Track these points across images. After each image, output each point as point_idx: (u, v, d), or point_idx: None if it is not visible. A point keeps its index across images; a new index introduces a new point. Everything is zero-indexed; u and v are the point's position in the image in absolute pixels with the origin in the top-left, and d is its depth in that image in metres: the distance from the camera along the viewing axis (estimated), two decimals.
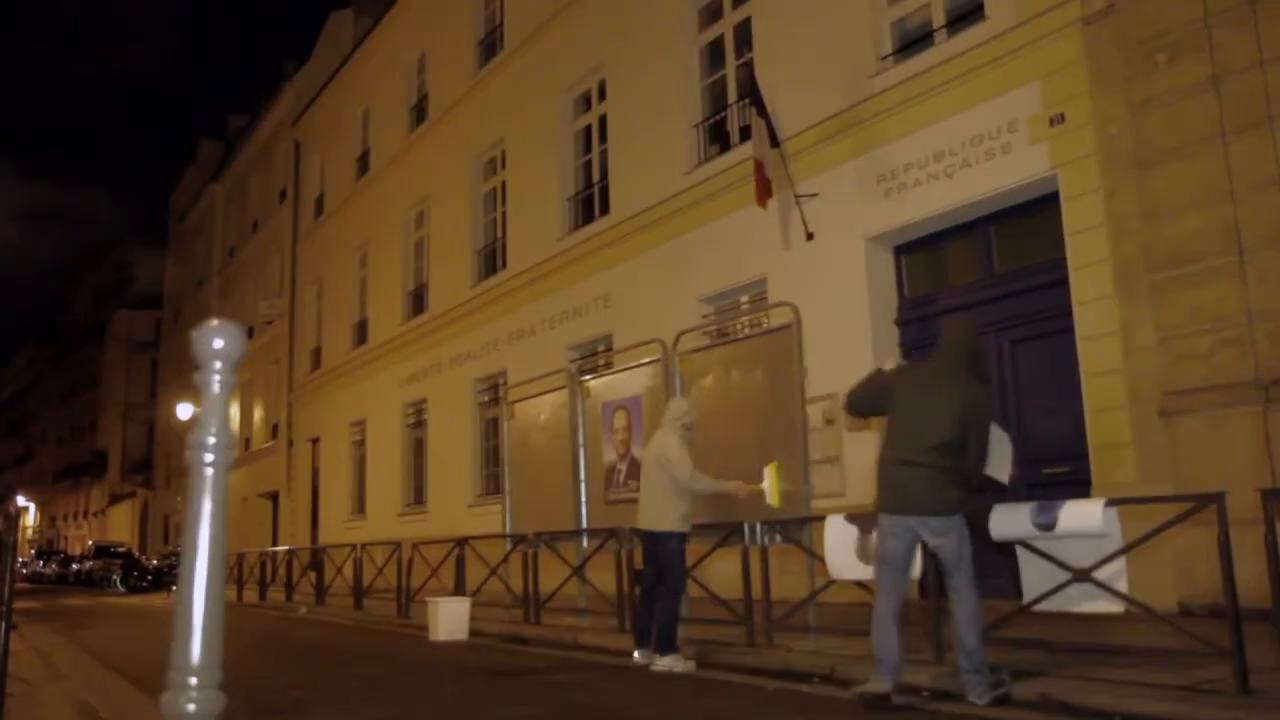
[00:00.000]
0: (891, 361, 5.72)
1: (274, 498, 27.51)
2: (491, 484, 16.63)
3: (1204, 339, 7.47)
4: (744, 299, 12.24)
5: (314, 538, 24.21)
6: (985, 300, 9.63)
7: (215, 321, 1.98)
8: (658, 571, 6.56)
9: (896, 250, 10.62)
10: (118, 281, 57.56)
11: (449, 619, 8.88)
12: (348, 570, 13.80)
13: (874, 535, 5.85)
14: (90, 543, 42.83)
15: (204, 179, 39.53)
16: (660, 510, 6.50)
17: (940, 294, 10.21)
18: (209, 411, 1.97)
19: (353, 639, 10.06)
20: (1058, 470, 8.80)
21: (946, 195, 9.64)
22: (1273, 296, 7.14)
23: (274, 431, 28.04)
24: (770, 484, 6.58)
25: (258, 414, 30.08)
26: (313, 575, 14.79)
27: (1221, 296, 7.40)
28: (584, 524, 8.68)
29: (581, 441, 8.81)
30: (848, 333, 10.35)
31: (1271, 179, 7.21)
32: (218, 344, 1.96)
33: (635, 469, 8.11)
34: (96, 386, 58.32)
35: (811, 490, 6.79)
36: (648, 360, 8.28)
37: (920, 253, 10.49)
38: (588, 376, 9.16)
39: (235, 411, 32.34)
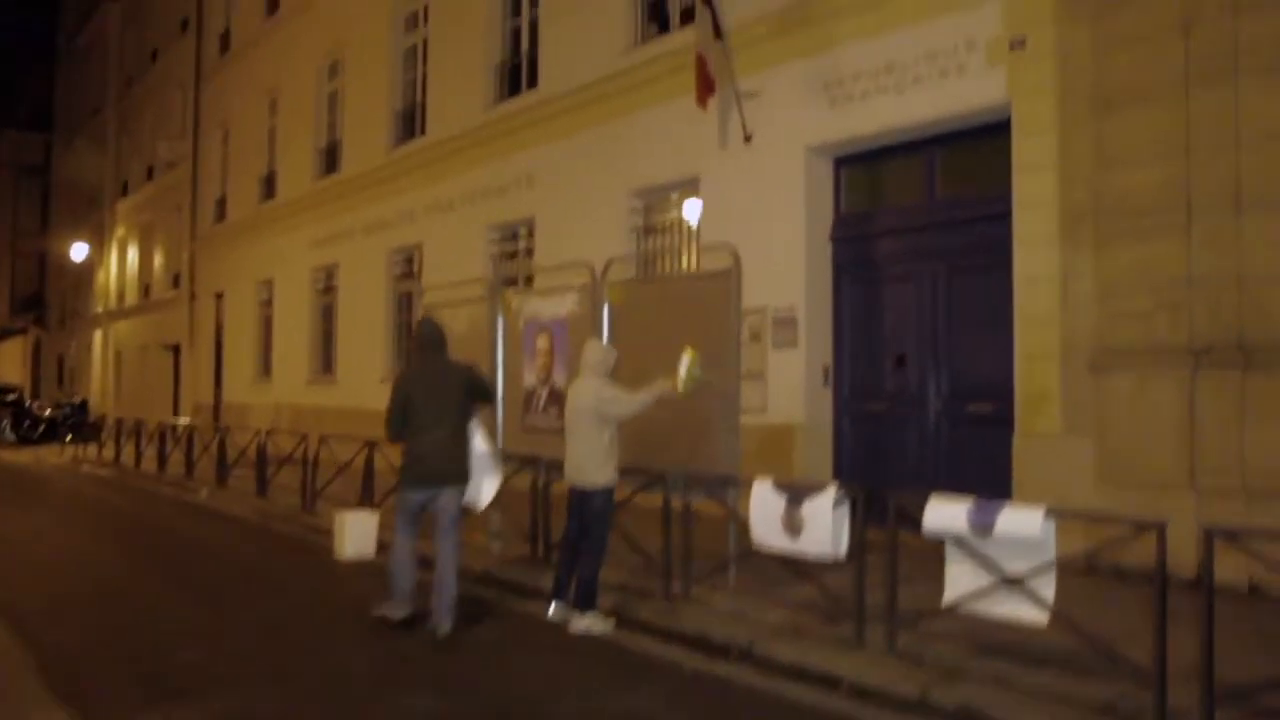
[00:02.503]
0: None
1: (176, 350, 26.53)
2: (405, 359, 16.14)
3: (1143, 298, 7.30)
4: (674, 195, 11.71)
5: (217, 396, 23.55)
6: (923, 225, 9.34)
7: None
8: (582, 526, 6.32)
9: (836, 162, 10.18)
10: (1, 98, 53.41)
11: (356, 536, 8.59)
12: (252, 448, 13.31)
13: (803, 507, 5.67)
14: None
15: None
16: (589, 463, 6.19)
17: (877, 212, 9.87)
18: None
19: (252, 549, 9.72)
20: (981, 408, 8.75)
21: (895, 111, 9.17)
22: (1214, 263, 6.96)
23: (175, 281, 26.79)
24: (686, 370, 6.26)
25: (158, 260, 28.66)
26: (215, 451, 14.28)
27: (1165, 256, 7.20)
28: (499, 446, 8.34)
29: (500, 360, 8.37)
30: (780, 245, 9.99)
31: (1229, 140, 6.93)
32: None
33: (555, 398, 7.76)
34: None
35: (740, 456, 6.55)
36: (574, 285, 7.81)
37: (860, 167, 10.08)
38: (511, 289, 8.64)
39: (134, 256, 30.88)
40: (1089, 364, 7.60)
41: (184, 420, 19.35)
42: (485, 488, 6.66)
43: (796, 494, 5.74)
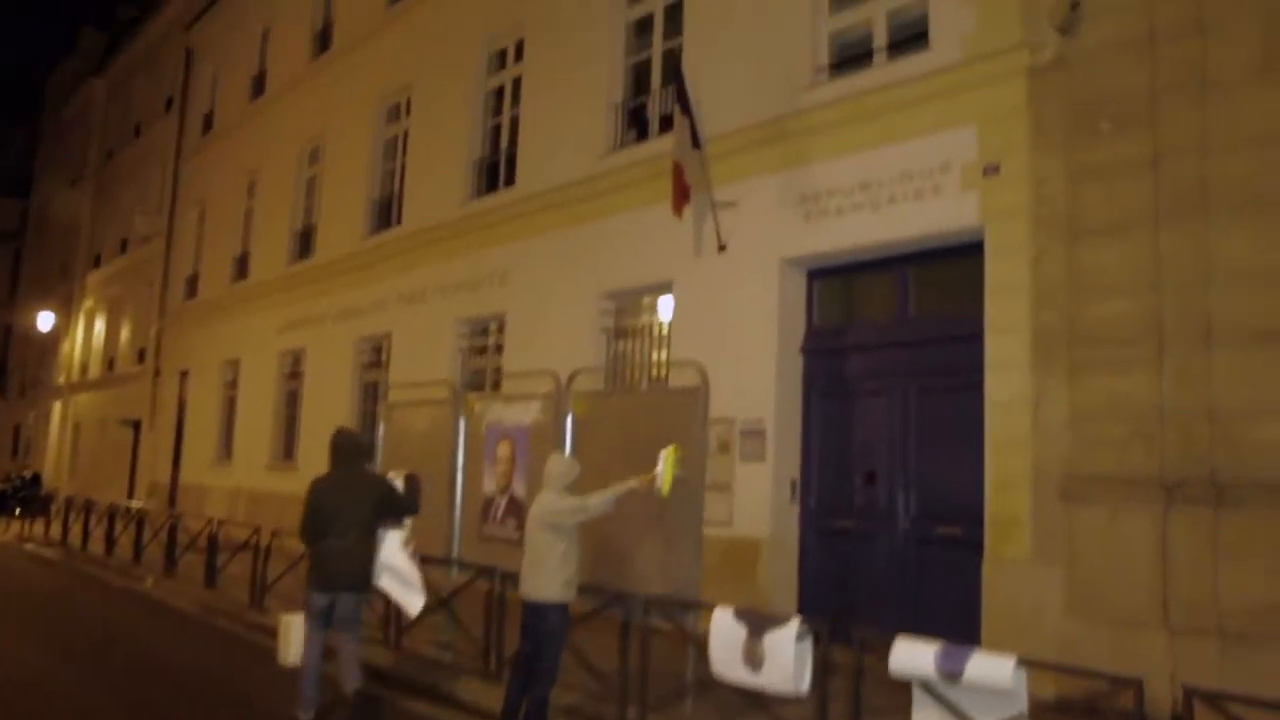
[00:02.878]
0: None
1: (136, 426, 26.00)
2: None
3: (1116, 427, 7.23)
4: (646, 299, 11.68)
5: (174, 477, 23.00)
6: (895, 343, 9.28)
7: None
8: (535, 645, 6.04)
9: (810, 274, 10.17)
10: None
11: (300, 641, 8.19)
12: (205, 535, 12.87)
13: (764, 640, 5.44)
14: None
15: (85, 70, 36.68)
16: (543, 577, 5.95)
17: (849, 327, 9.83)
18: None
19: (192, 649, 9.29)
20: (950, 531, 8.58)
21: (869, 229, 9.19)
22: (1186, 396, 6.91)
23: (140, 357, 26.40)
24: (665, 468, 6.11)
25: (124, 334, 28.29)
26: (164, 537, 13.80)
27: (1138, 386, 7.15)
28: (455, 553, 8.07)
29: (460, 464, 8.15)
30: (751, 355, 9.90)
31: (1200, 275, 6.95)
32: None
33: (515, 508, 7.54)
34: None
35: (703, 571, 6.32)
36: (539, 393, 7.64)
37: (834, 281, 10.07)
38: (475, 393, 8.46)
39: (100, 328, 30.53)
40: (1060, 492, 7.48)
41: (137, 503, 18.78)
42: (411, 600, 6.97)
43: (758, 625, 5.51)
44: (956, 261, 8.86)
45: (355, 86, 17.94)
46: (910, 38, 9.32)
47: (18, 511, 23.43)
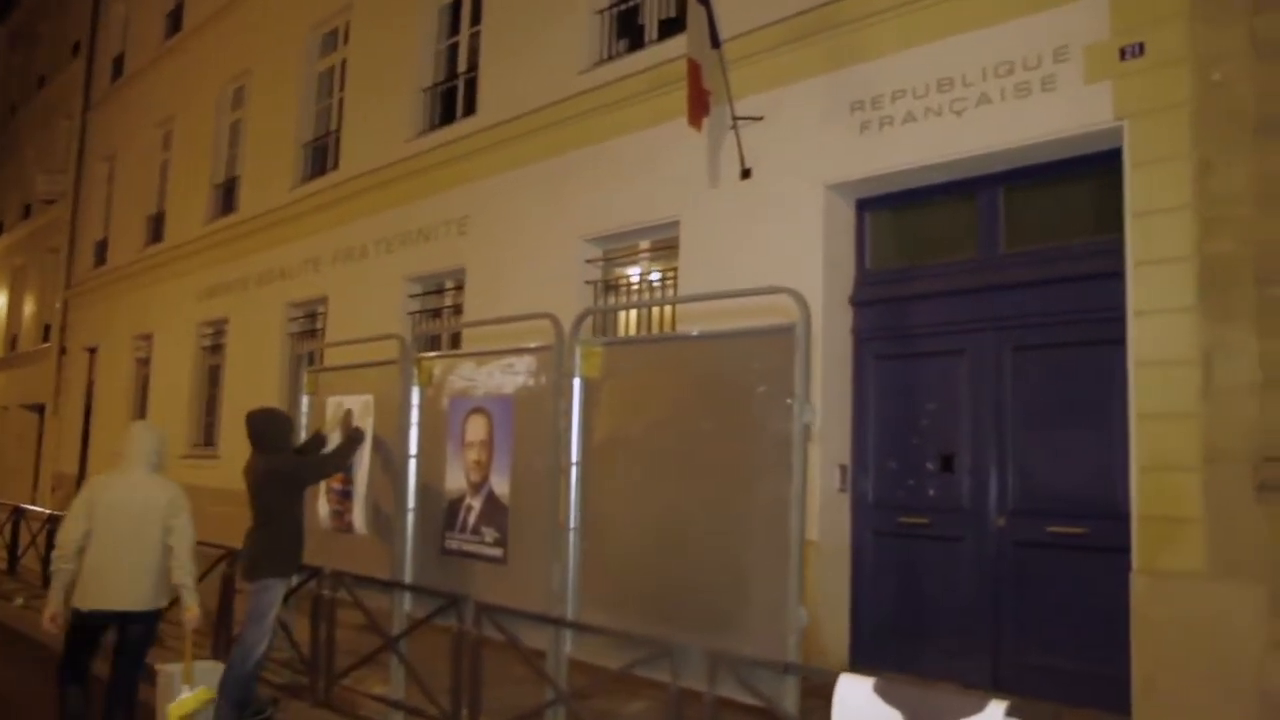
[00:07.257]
0: None
1: (41, 410, 23.16)
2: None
3: None
4: (644, 244, 9.48)
5: (83, 466, 20.30)
6: (981, 287, 7.14)
7: None
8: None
9: (859, 205, 8.01)
10: None
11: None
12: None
13: None
14: None
15: None
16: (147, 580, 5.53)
17: (914, 271, 7.67)
18: None
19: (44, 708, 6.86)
20: (1067, 530, 6.49)
21: (950, 140, 7.04)
22: None
23: (46, 333, 23.53)
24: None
25: (28, 309, 25.33)
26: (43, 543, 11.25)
27: None
28: (405, 576, 5.75)
29: (413, 451, 5.83)
30: (786, 311, 7.69)
31: None
32: None
33: (494, 511, 5.25)
34: None
35: (805, 619, 4.11)
36: (529, 348, 5.33)
37: (890, 212, 7.92)
38: (434, 355, 6.12)
39: (3, 303, 27.52)
40: (1257, 482, 5.41)
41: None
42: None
43: (923, 709, 3.32)
44: (1069, 178, 6.81)
45: (284, 12, 15.38)
46: None
47: None
